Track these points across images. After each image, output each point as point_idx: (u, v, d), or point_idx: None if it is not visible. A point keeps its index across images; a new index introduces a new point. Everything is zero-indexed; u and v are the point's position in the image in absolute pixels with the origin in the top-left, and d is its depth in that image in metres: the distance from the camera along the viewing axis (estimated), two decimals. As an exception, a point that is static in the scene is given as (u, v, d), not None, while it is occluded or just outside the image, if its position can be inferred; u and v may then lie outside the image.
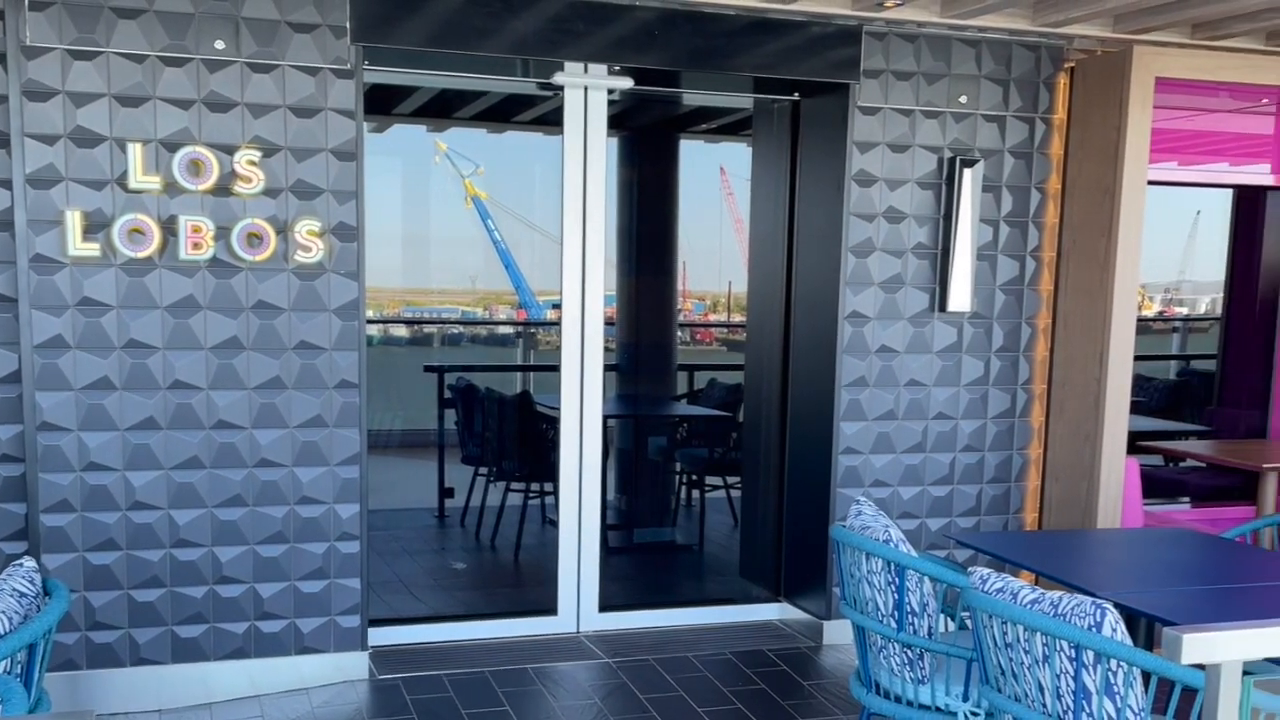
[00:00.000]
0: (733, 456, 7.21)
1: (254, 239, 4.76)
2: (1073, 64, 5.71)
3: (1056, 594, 3.03)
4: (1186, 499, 7.58)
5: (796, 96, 5.83)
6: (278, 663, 4.97)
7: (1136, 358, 8.87)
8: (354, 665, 5.07)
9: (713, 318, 9.20)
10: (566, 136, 5.47)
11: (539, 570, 6.12)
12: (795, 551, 6.02)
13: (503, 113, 6.72)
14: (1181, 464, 7.62)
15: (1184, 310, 9.97)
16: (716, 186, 7.61)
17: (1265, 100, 6.29)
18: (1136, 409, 8.71)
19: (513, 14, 4.98)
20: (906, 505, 5.76)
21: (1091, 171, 5.59)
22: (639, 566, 7.29)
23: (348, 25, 4.78)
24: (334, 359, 4.92)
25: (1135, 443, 7.12)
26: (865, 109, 5.47)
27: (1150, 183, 5.60)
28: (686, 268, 8.24)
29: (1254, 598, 3.92)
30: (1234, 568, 4.39)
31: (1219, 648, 2.41)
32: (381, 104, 6.42)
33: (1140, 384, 8.77)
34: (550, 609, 5.76)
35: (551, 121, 5.46)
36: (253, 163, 4.70)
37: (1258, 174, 6.80)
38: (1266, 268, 7.12)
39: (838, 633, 5.67)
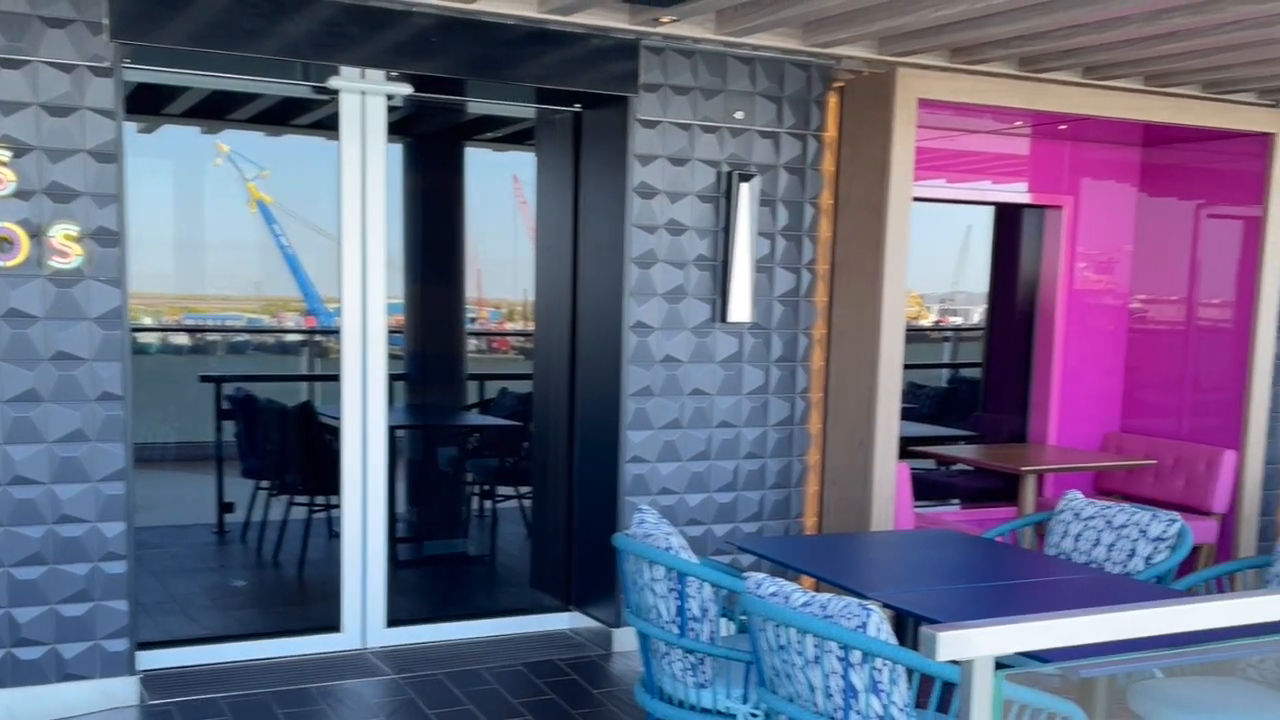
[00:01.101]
0: (523, 466, 7.21)
1: (3, 243, 4.49)
2: (842, 84, 5.93)
3: (827, 596, 3.12)
4: (956, 501, 7.96)
5: (578, 108, 5.88)
6: (38, 691, 4.70)
7: (910, 366, 9.28)
8: (122, 691, 4.83)
9: (510, 326, 9.19)
10: (343, 142, 5.37)
11: (324, 586, 5.97)
12: (585, 560, 6.05)
13: (281, 115, 6.56)
14: (953, 467, 7.99)
15: (959, 320, 10.48)
16: (511, 195, 7.60)
17: (1020, 123, 6.70)
18: (910, 415, 9.11)
19: (284, 16, 4.85)
20: (693, 512, 5.85)
21: (861, 188, 5.82)
22: (429, 579, 7.20)
23: (105, 21, 4.57)
24: (95, 370, 4.69)
25: (908, 448, 7.44)
26: (645, 122, 5.55)
27: (918, 199, 5.86)
28: (482, 276, 8.21)
29: (1011, 595, 4.14)
30: (994, 566, 4.63)
31: (972, 644, 2.52)
32: (150, 104, 6.18)
33: (914, 391, 9.17)
34: (334, 625, 5.62)
35: (332, 126, 5.35)
36: (2, 163, 4.45)
37: (1016, 192, 7.23)
38: (1024, 281, 7.56)
39: (628, 640, 5.72)
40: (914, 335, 10.18)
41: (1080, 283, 7.39)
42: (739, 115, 5.72)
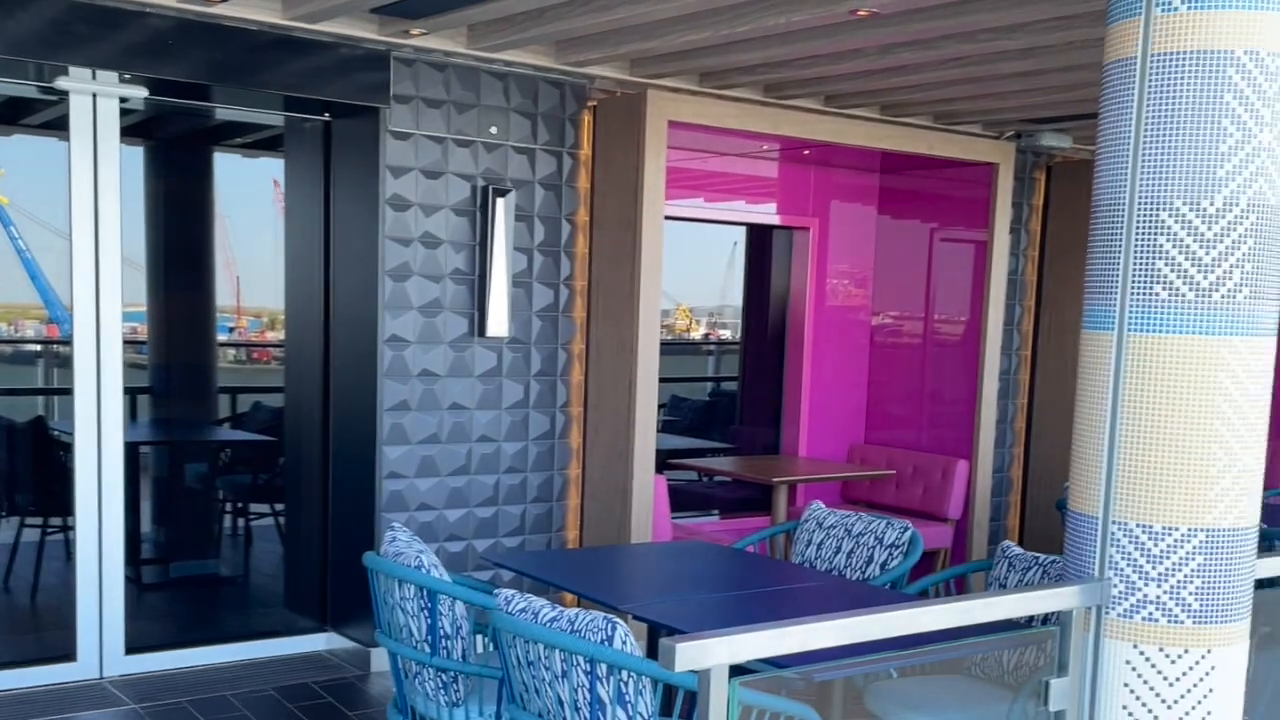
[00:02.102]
0: (278, 483, 7.00)
1: None
2: (595, 102, 6.03)
3: (575, 611, 3.15)
4: (716, 511, 8.17)
5: (327, 117, 5.78)
6: None
7: (673, 379, 9.50)
8: None
9: (271, 336, 8.89)
10: (74, 143, 5.13)
11: (59, 613, 5.65)
12: (341, 579, 5.92)
13: (11, 115, 6.18)
14: (715, 479, 8.20)
15: (728, 333, 10.75)
16: (270, 200, 7.38)
17: (767, 147, 6.95)
18: (673, 428, 9.31)
19: (6, 13, 4.59)
20: (453, 527, 5.81)
21: (616, 205, 5.92)
22: (177, 602, 6.89)
23: None
24: None
25: (668, 460, 7.60)
26: (397, 134, 5.50)
27: (675, 218, 6.01)
28: (241, 283, 7.93)
29: (755, 603, 4.26)
30: (742, 576, 4.76)
31: (708, 654, 2.59)
32: None
33: (677, 404, 9.38)
34: (69, 654, 5.33)
35: (65, 126, 5.09)
36: None
37: (766, 213, 7.51)
38: (776, 299, 7.84)
39: (386, 660, 5.62)
40: (683, 348, 10.43)
41: (827, 300, 7.73)
42: (494, 130, 5.74)
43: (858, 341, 7.91)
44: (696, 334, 10.44)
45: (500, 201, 5.71)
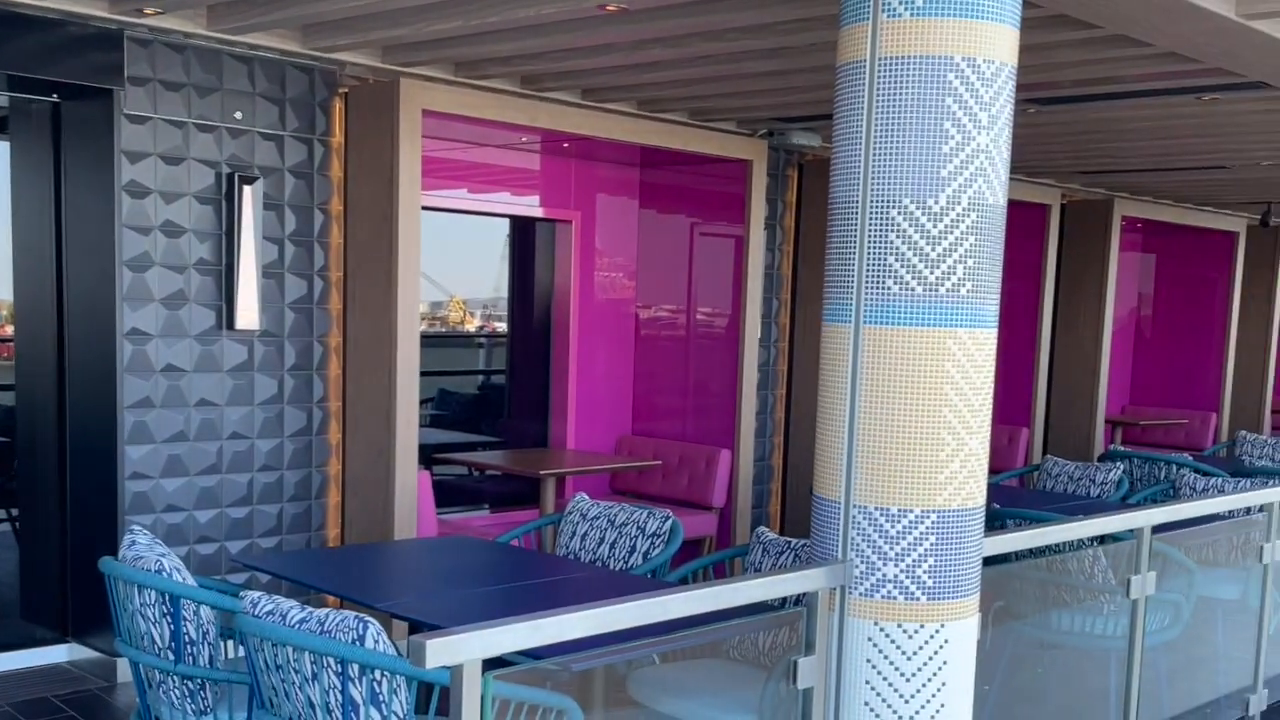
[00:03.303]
0: (10, 486, 6.55)
1: None
2: (347, 90, 5.88)
3: (325, 611, 3.08)
4: (486, 505, 8.13)
5: (56, 98, 5.43)
6: None
7: (442, 372, 9.39)
8: None
9: (9, 329, 8.30)
10: None
11: None
12: (82, 586, 5.60)
13: None
14: (486, 473, 8.14)
15: (504, 325, 10.70)
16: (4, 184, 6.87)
17: (526, 139, 6.94)
18: (441, 422, 9.21)
19: None
20: (204, 529, 5.58)
21: (371, 195, 5.79)
22: (-104, 618, 6.37)
23: None
24: None
25: (435, 455, 7.51)
26: (133, 117, 5.22)
27: (438, 209, 5.93)
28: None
29: (517, 596, 4.27)
30: (505, 570, 4.76)
31: (460, 649, 2.56)
32: None
33: (445, 398, 9.27)
34: None
35: None
36: None
37: (529, 206, 7.50)
38: (541, 291, 7.86)
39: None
40: (455, 341, 10.30)
41: (593, 293, 7.79)
42: (238, 115, 5.51)
43: (624, 334, 8.00)
44: (471, 326, 10.33)
45: (247, 189, 5.50)
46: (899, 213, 3.06)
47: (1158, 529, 4.56)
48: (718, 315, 7.69)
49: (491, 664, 2.67)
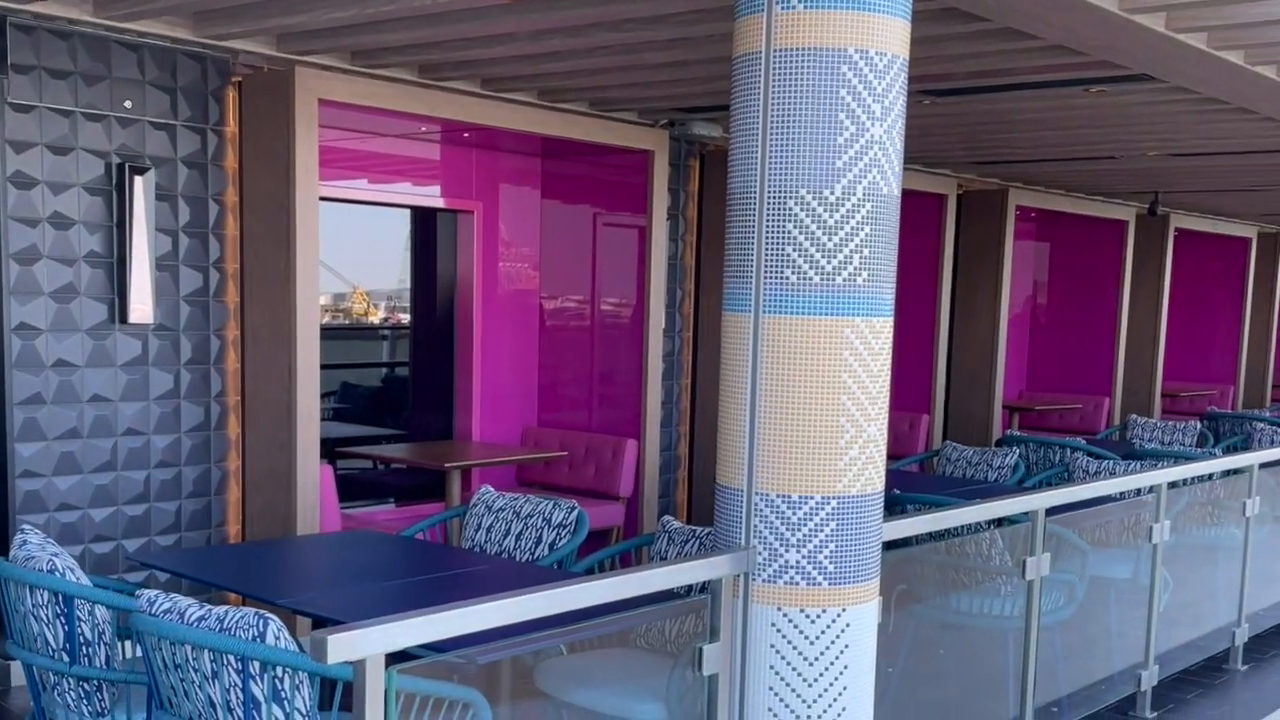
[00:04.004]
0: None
1: None
2: (241, 78, 5.77)
3: (224, 609, 3.05)
4: (392, 499, 8.05)
5: (-68, 86, 5.26)
6: None
7: (344, 365, 9.27)
8: None
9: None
10: None
11: None
12: (-31, 591, 5.42)
13: None
14: (391, 466, 8.06)
15: (408, 318, 10.60)
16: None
17: (425, 128, 6.88)
18: (344, 415, 9.10)
19: None
20: (99, 528, 5.45)
21: (267, 186, 5.69)
22: None
23: None
24: None
25: (338, 449, 7.42)
26: (18, 106, 5.06)
27: (337, 199, 5.84)
28: None
29: (421, 590, 4.25)
30: (409, 564, 4.74)
31: (362, 644, 2.54)
32: None
33: (348, 391, 9.16)
34: None
35: None
36: None
37: (430, 196, 7.44)
38: (444, 282, 7.80)
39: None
40: (358, 333, 10.18)
41: (496, 284, 7.75)
42: (128, 104, 5.37)
43: (528, 325, 7.97)
44: (376, 318, 10.21)
45: (139, 180, 5.37)
46: (796, 203, 3.10)
47: (1052, 511, 4.68)
48: (622, 305, 7.71)
49: (396, 658, 2.67)
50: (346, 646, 2.48)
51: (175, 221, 5.61)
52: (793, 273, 3.12)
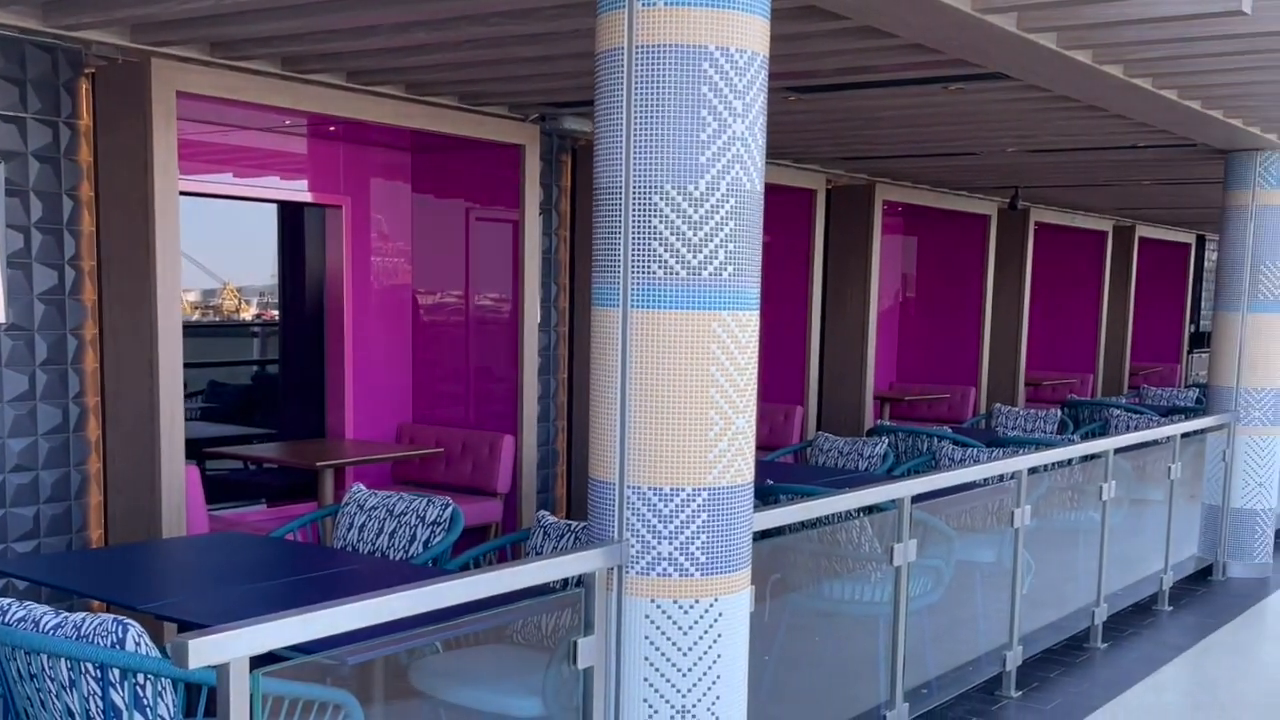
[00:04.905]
0: None
1: None
2: (94, 70, 5.57)
3: (81, 615, 2.98)
4: (263, 500, 7.89)
5: None
6: None
7: (210, 364, 9.06)
8: None
9: None
10: None
11: None
12: None
13: None
14: (263, 466, 7.90)
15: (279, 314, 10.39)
16: None
17: (290, 121, 6.75)
18: (212, 415, 8.89)
19: None
20: (-49, 536, 5.23)
21: (124, 181, 5.51)
22: None
23: None
24: None
25: (205, 449, 7.24)
26: None
27: (200, 194, 5.69)
28: None
29: (291, 591, 4.19)
30: (278, 565, 4.66)
31: (225, 648, 2.50)
32: None
33: (218, 389, 8.95)
34: None
35: None
36: None
37: (297, 190, 7.29)
38: (313, 278, 7.66)
39: None
40: (228, 330, 9.95)
41: (368, 279, 7.64)
42: (-26, 97, 5.17)
43: (402, 320, 7.88)
44: (248, 315, 9.99)
45: (-10, 173, 5.17)
46: (661, 198, 3.12)
47: (918, 499, 4.81)
48: (497, 300, 7.67)
49: (263, 661, 2.64)
50: (208, 651, 2.45)
51: (27, 218, 5.40)
52: (659, 267, 3.15)
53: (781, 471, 7.10)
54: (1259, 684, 5.82)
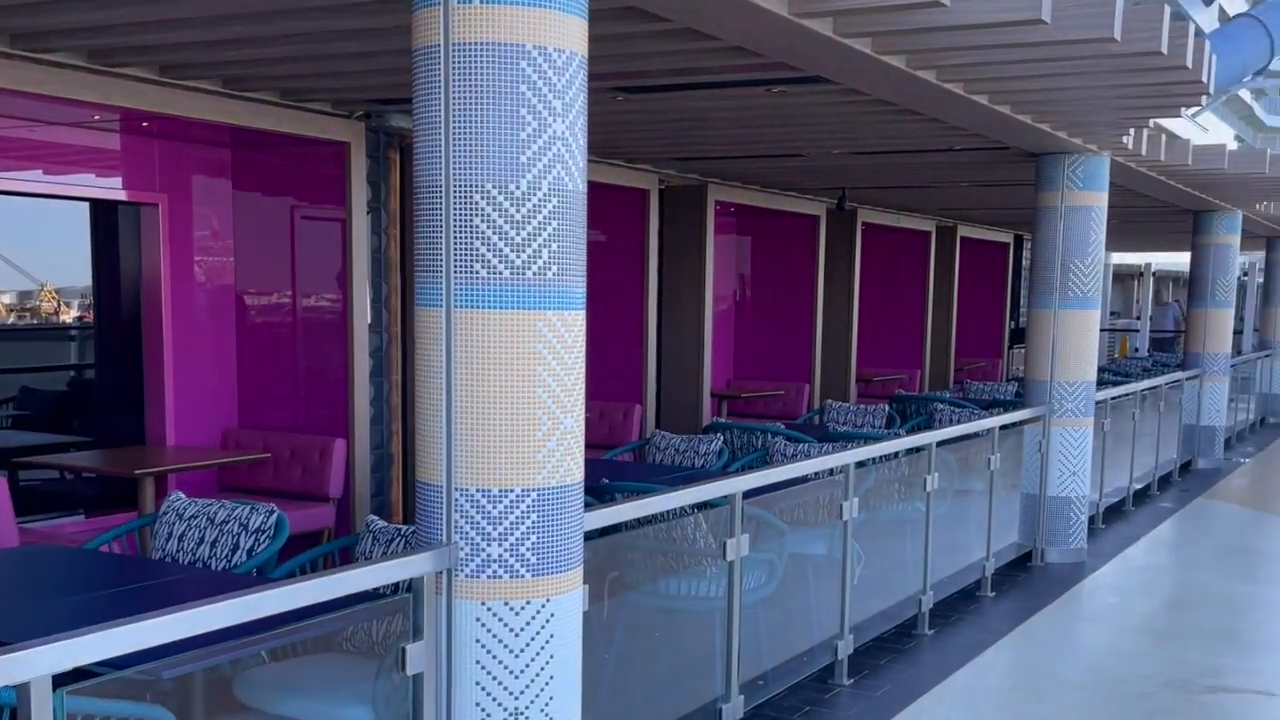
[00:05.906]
0: None
1: None
2: None
3: None
4: (81, 511, 7.54)
5: None
6: None
7: (22, 369, 8.63)
8: None
9: None
10: None
11: None
12: None
13: None
14: (82, 475, 7.56)
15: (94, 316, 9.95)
16: None
17: (99, 117, 6.46)
18: (24, 423, 8.46)
19: None
20: None
21: (-83, 177, 5.21)
22: None
23: None
24: None
25: (15, 459, 6.89)
26: None
27: (4, 192, 5.40)
28: None
29: (103, 606, 4.01)
30: (91, 578, 4.46)
31: (26, 665, 2.37)
32: None
33: (30, 396, 8.53)
34: None
35: None
36: None
37: (111, 188, 7.00)
38: (128, 279, 7.35)
39: None
40: (44, 334, 9.49)
41: (188, 280, 7.37)
42: None
43: (225, 322, 7.63)
44: (69, 317, 9.56)
45: None
46: (482, 198, 3.09)
47: (751, 494, 4.88)
48: (325, 301, 7.49)
49: (73, 679, 2.52)
50: (6, 669, 2.33)
51: None
52: (483, 267, 3.12)
53: (617, 470, 7.12)
54: (1075, 664, 6.08)
